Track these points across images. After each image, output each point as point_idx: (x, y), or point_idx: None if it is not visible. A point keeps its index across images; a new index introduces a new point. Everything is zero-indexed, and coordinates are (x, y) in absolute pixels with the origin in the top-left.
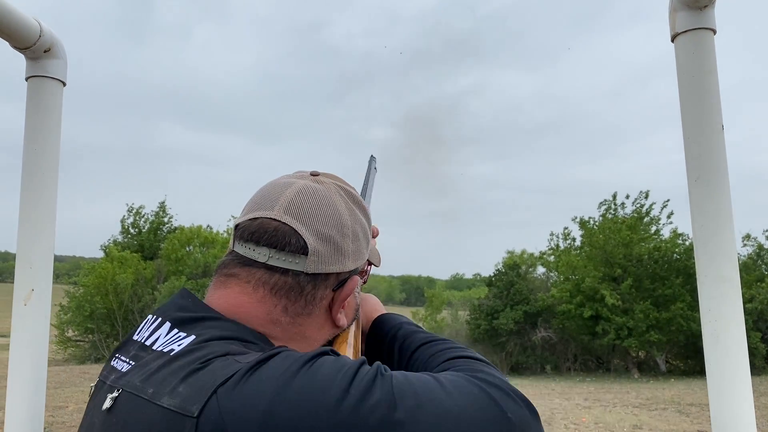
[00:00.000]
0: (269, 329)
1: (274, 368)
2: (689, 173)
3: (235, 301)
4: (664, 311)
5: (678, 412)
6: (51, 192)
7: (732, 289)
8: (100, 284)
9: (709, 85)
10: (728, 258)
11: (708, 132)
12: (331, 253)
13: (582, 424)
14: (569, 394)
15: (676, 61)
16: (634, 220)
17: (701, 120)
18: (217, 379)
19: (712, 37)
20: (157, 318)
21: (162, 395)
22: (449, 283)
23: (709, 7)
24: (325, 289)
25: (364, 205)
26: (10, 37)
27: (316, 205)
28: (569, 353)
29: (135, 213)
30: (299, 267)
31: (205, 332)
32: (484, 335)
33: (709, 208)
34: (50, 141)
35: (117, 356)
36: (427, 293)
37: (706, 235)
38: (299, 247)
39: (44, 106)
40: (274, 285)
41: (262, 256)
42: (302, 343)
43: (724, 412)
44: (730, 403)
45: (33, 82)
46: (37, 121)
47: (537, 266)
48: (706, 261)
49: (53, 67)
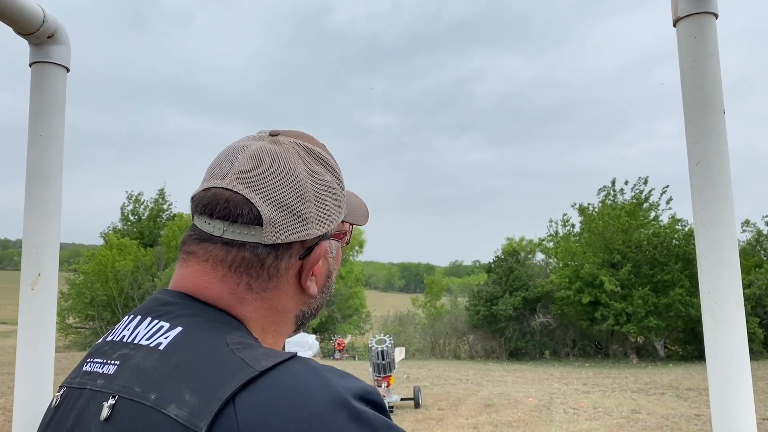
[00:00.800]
0: (238, 310)
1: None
2: (690, 157)
3: (198, 281)
4: (663, 297)
5: (676, 396)
6: (56, 177)
7: (732, 273)
8: (100, 271)
9: (710, 70)
10: (728, 241)
11: (709, 116)
12: (289, 220)
13: (581, 408)
14: (568, 379)
15: (678, 45)
16: (633, 206)
17: (702, 104)
18: (228, 384)
19: (714, 22)
20: (135, 316)
21: (168, 402)
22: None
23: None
24: (289, 258)
25: (331, 162)
26: (14, 22)
27: (270, 170)
28: (568, 339)
29: (134, 200)
30: (256, 239)
31: (190, 321)
32: (483, 321)
33: (709, 192)
34: (55, 126)
35: (90, 360)
36: (427, 280)
37: (706, 218)
38: (253, 218)
39: (48, 91)
40: (232, 262)
41: (216, 230)
42: (275, 316)
43: (723, 392)
44: (730, 384)
45: (37, 68)
46: (42, 106)
47: (536, 253)
48: (707, 244)
49: (57, 52)
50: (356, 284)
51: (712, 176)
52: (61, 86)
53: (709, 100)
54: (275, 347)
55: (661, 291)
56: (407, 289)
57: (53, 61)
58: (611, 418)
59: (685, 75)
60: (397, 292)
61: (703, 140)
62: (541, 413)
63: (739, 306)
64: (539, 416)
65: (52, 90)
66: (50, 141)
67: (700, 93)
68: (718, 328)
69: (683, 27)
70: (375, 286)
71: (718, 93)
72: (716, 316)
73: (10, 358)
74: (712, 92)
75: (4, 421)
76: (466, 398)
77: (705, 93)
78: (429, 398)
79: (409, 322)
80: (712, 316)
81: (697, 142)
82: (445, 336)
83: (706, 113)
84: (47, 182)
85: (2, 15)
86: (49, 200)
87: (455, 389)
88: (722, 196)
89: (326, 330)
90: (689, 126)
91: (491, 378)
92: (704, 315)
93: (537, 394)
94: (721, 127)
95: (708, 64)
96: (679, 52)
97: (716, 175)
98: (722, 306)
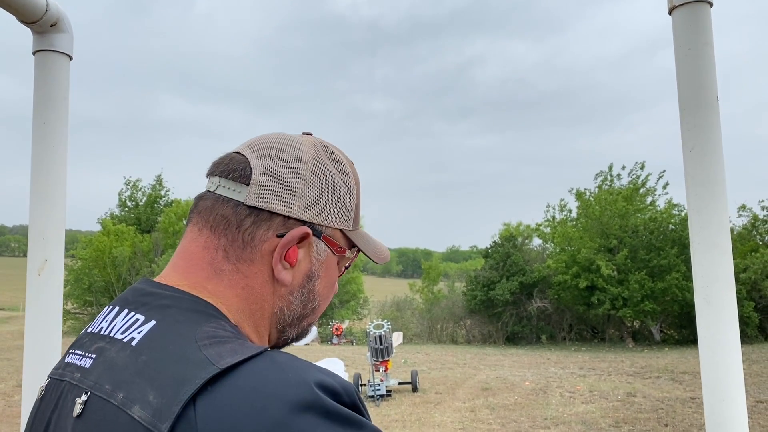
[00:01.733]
0: (215, 283)
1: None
2: (684, 143)
3: (186, 253)
4: (659, 281)
5: (671, 380)
6: (61, 164)
7: (724, 256)
8: (97, 257)
9: (705, 57)
10: (721, 226)
11: (703, 103)
12: (277, 189)
13: (577, 392)
14: (564, 363)
15: (673, 33)
16: (630, 191)
17: (697, 91)
18: (189, 384)
19: (709, 10)
20: (114, 307)
21: (133, 402)
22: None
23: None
24: (267, 230)
25: (346, 167)
26: (17, 11)
27: (279, 144)
28: (564, 323)
29: (132, 186)
30: (241, 197)
31: (165, 314)
32: (480, 306)
33: (703, 177)
34: (59, 114)
35: (72, 352)
36: (424, 265)
37: (699, 203)
38: (244, 176)
39: (52, 79)
40: (214, 220)
41: (212, 185)
42: (251, 299)
43: (714, 373)
44: (721, 365)
45: (40, 56)
46: (45, 95)
47: (533, 238)
48: (700, 228)
49: (60, 41)
50: (354, 269)
51: (705, 162)
52: (64, 74)
53: (704, 88)
54: (257, 342)
55: (657, 276)
56: (405, 275)
57: (56, 50)
58: (607, 401)
59: (680, 63)
60: (395, 277)
61: (697, 127)
62: (537, 396)
63: (730, 289)
64: (536, 399)
65: (56, 78)
66: (55, 128)
67: (695, 81)
68: (710, 310)
69: (678, 15)
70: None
71: (713, 81)
72: (708, 298)
73: (8, 344)
74: (707, 80)
75: (5, 406)
76: (463, 382)
77: (699, 81)
78: (426, 382)
79: (407, 307)
80: (704, 298)
81: (690, 128)
82: (443, 321)
83: (700, 100)
84: (52, 169)
85: (6, 4)
86: (55, 187)
87: (452, 373)
88: (716, 181)
89: (324, 315)
90: (684, 113)
91: (488, 362)
92: (696, 298)
93: (534, 378)
94: (715, 114)
95: (702, 52)
96: (674, 40)
97: (710, 162)
98: (714, 289)
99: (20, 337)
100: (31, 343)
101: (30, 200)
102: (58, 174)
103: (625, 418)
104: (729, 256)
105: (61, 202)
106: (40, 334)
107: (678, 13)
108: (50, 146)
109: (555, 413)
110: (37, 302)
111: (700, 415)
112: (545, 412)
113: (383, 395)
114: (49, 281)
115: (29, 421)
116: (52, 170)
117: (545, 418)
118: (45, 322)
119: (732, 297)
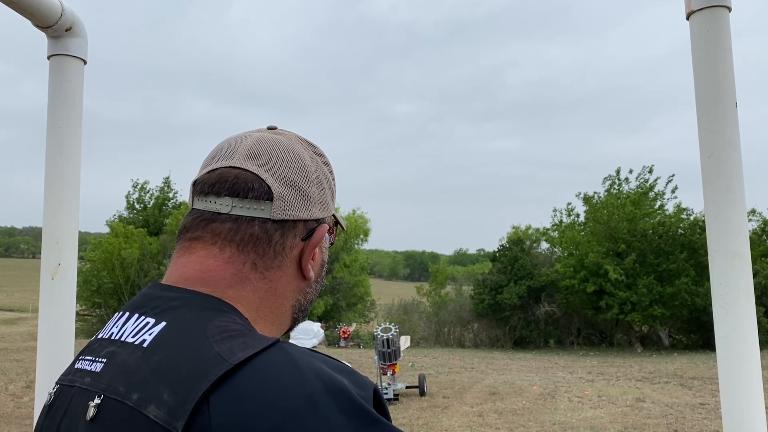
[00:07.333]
0: (235, 290)
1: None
2: (702, 149)
3: (201, 266)
4: (668, 286)
5: (680, 385)
6: (75, 168)
7: (742, 264)
8: (106, 259)
9: (723, 63)
10: (739, 233)
11: (721, 109)
12: (296, 198)
13: (585, 396)
14: (573, 368)
15: (691, 38)
16: (638, 195)
17: (715, 97)
18: (202, 382)
19: (727, 15)
20: (124, 313)
21: (148, 402)
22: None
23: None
24: (294, 238)
25: (327, 159)
26: (33, 15)
27: (276, 151)
28: (572, 327)
29: (140, 188)
30: (265, 214)
31: (175, 314)
32: (487, 310)
33: (721, 184)
34: (73, 118)
35: (81, 358)
36: (431, 268)
37: (717, 210)
38: (263, 192)
39: (66, 84)
40: (241, 240)
41: (225, 207)
42: (273, 300)
43: (733, 382)
44: (740, 374)
45: (55, 61)
46: (59, 99)
47: (541, 241)
48: (718, 236)
49: (74, 45)
50: (361, 272)
51: (724, 169)
52: (78, 78)
53: (722, 93)
54: (271, 335)
55: (666, 280)
56: (412, 278)
57: (71, 54)
58: (615, 406)
59: (698, 68)
60: (402, 280)
61: (716, 133)
62: (545, 401)
63: (749, 297)
64: (544, 404)
65: (70, 82)
66: (69, 132)
67: (713, 86)
68: (729, 318)
69: (696, 20)
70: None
71: (731, 86)
72: (727, 306)
73: (18, 345)
74: (725, 85)
75: (14, 407)
76: (470, 386)
77: (718, 86)
78: (434, 386)
79: (414, 311)
80: (722, 306)
81: (709, 134)
82: (450, 324)
83: (718, 106)
84: (66, 173)
85: (21, 8)
86: (69, 191)
87: (460, 377)
88: (734, 188)
89: (331, 318)
90: (702, 119)
91: (496, 366)
92: (715, 306)
93: (541, 383)
94: (734, 120)
95: (721, 58)
96: (692, 44)
97: (728, 168)
98: (732, 297)
99: (30, 338)
100: (45, 346)
101: (44, 205)
102: (72, 178)
103: (634, 424)
104: (748, 264)
105: (75, 206)
106: (53, 338)
107: (696, 18)
108: (64, 150)
109: (563, 418)
110: (51, 306)
111: (709, 421)
112: (553, 417)
113: (391, 399)
114: (62, 285)
115: (37, 428)
116: (66, 174)
117: (553, 423)
118: (58, 325)
119: (751, 305)
